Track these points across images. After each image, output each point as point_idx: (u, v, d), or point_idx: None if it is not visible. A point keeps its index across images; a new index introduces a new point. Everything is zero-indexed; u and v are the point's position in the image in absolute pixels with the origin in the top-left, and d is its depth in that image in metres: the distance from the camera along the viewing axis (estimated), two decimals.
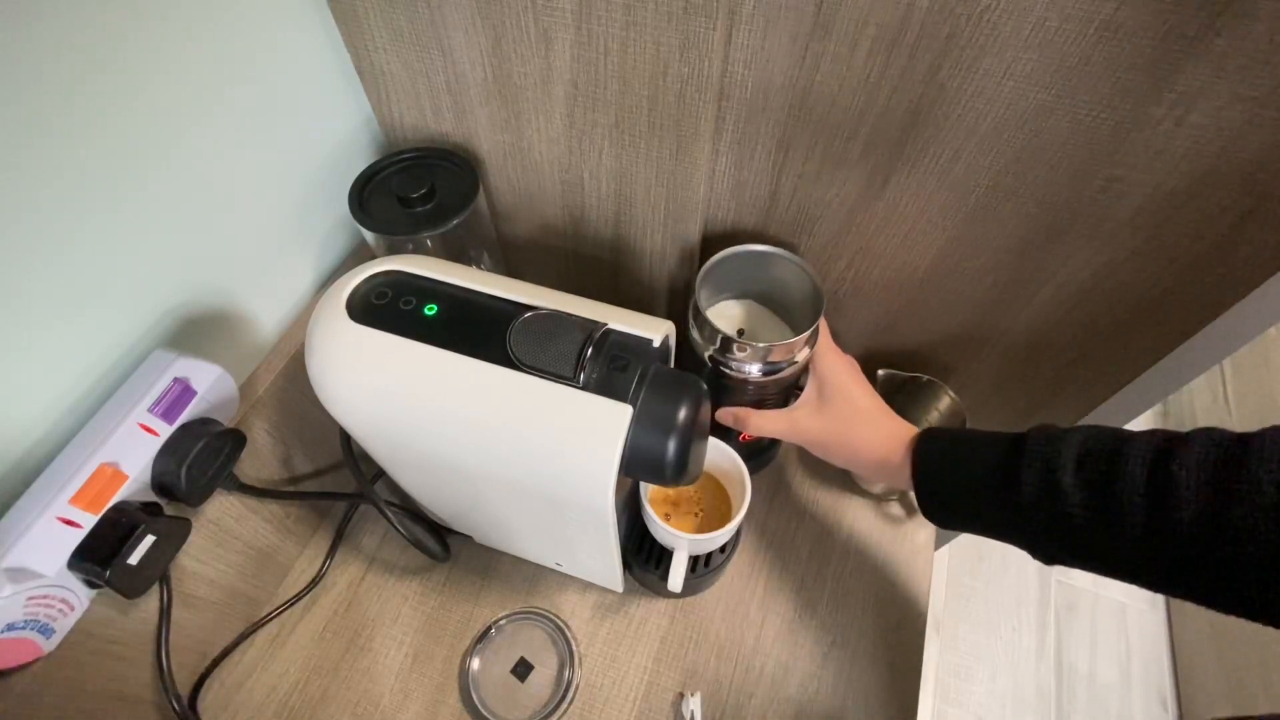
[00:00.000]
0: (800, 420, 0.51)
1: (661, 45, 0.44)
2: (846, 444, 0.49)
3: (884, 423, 0.49)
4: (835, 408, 0.50)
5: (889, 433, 0.48)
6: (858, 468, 0.50)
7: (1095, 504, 0.35)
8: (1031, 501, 0.38)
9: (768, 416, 0.52)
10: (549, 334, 0.38)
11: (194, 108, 0.45)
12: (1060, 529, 0.37)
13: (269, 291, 0.56)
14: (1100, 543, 0.36)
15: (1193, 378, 0.53)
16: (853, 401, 0.50)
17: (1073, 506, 0.36)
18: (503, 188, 0.62)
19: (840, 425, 0.49)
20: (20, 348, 0.39)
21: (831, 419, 0.50)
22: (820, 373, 0.52)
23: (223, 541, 0.53)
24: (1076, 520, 0.36)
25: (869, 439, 0.48)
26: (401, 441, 0.42)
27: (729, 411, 0.54)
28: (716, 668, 0.58)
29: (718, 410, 0.54)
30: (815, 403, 0.51)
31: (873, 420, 0.49)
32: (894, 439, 0.47)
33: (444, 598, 0.61)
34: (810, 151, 0.49)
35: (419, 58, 0.53)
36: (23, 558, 0.37)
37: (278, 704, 0.56)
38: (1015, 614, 1.42)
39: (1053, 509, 0.37)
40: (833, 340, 0.54)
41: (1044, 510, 0.38)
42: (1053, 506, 0.37)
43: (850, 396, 0.50)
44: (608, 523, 0.42)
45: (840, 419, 0.49)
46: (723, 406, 0.54)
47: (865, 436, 0.48)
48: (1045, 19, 0.37)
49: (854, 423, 0.49)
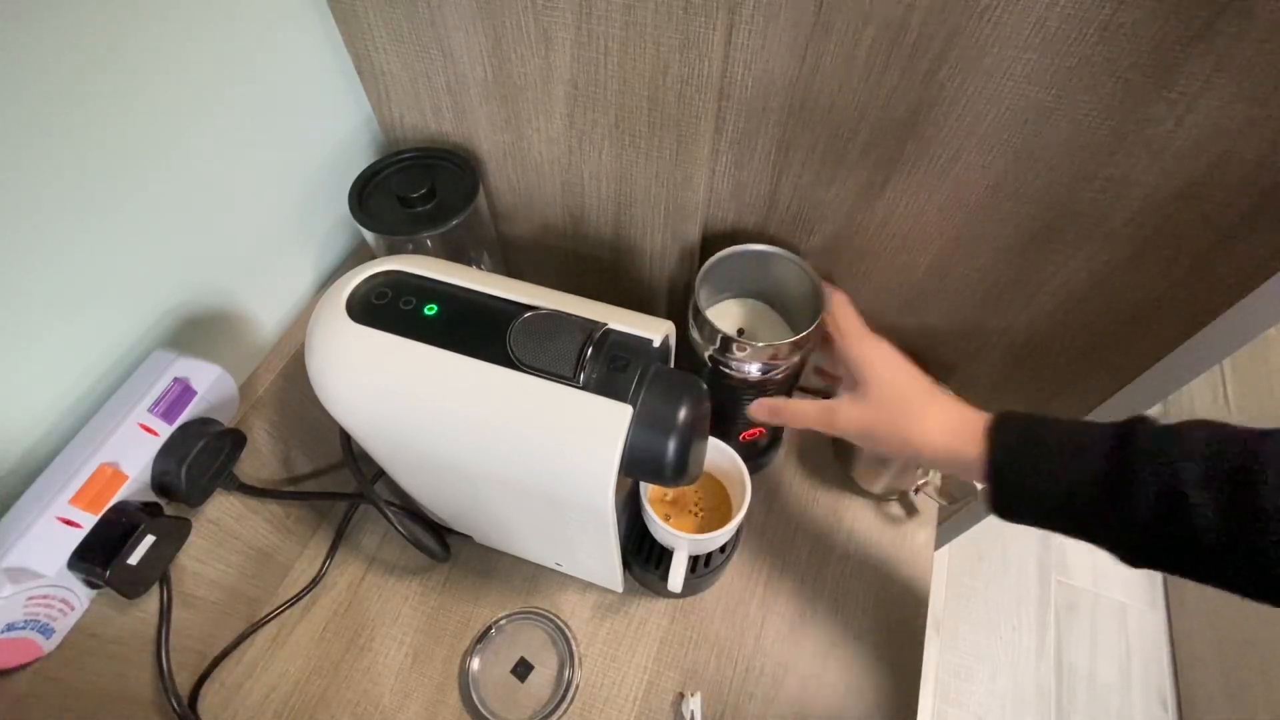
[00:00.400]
0: (841, 411, 0.47)
1: (661, 45, 0.44)
2: (897, 433, 0.44)
3: (942, 408, 0.44)
4: (879, 395, 0.45)
5: (953, 420, 0.42)
6: (914, 459, 0.45)
7: (1231, 526, 0.32)
8: (1147, 518, 0.34)
9: (804, 407, 0.49)
10: (549, 334, 0.38)
11: (194, 107, 0.45)
12: (1178, 546, 0.34)
13: (269, 291, 0.56)
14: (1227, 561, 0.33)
15: (1193, 378, 0.53)
16: (898, 387, 0.45)
17: (1203, 530, 0.32)
18: (503, 188, 0.62)
19: (888, 413, 0.45)
20: (20, 348, 0.39)
21: (877, 408, 0.45)
22: (855, 359, 0.47)
23: (223, 541, 0.53)
24: (1205, 540, 0.32)
25: (927, 427, 0.43)
26: (401, 441, 0.42)
27: (764, 403, 0.51)
28: (716, 668, 0.58)
29: (753, 403, 0.51)
30: (855, 392, 0.47)
31: (927, 406, 0.44)
32: (960, 427, 0.42)
33: (444, 598, 0.61)
34: (810, 151, 0.49)
35: (419, 58, 0.53)
36: (23, 558, 0.37)
37: (278, 704, 0.56)
38: (1015, 614, 1.42)
39: (1174, 527, 0.33)
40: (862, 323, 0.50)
41: (1161, 527, 0.34)
42: (1174, 524, 0.33)
43: (894, 382, 0.46)
44: (608, 523, 0.42)
45: (887, 407, 0.45)
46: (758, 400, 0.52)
47: (921, 425, 0.43)
48: (1045, 19, 0.37)
49: (905, 410, 0.44)
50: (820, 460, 0.69)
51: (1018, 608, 1.43)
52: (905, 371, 0.47)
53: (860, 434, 0.46)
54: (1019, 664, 1.36)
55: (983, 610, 1.42)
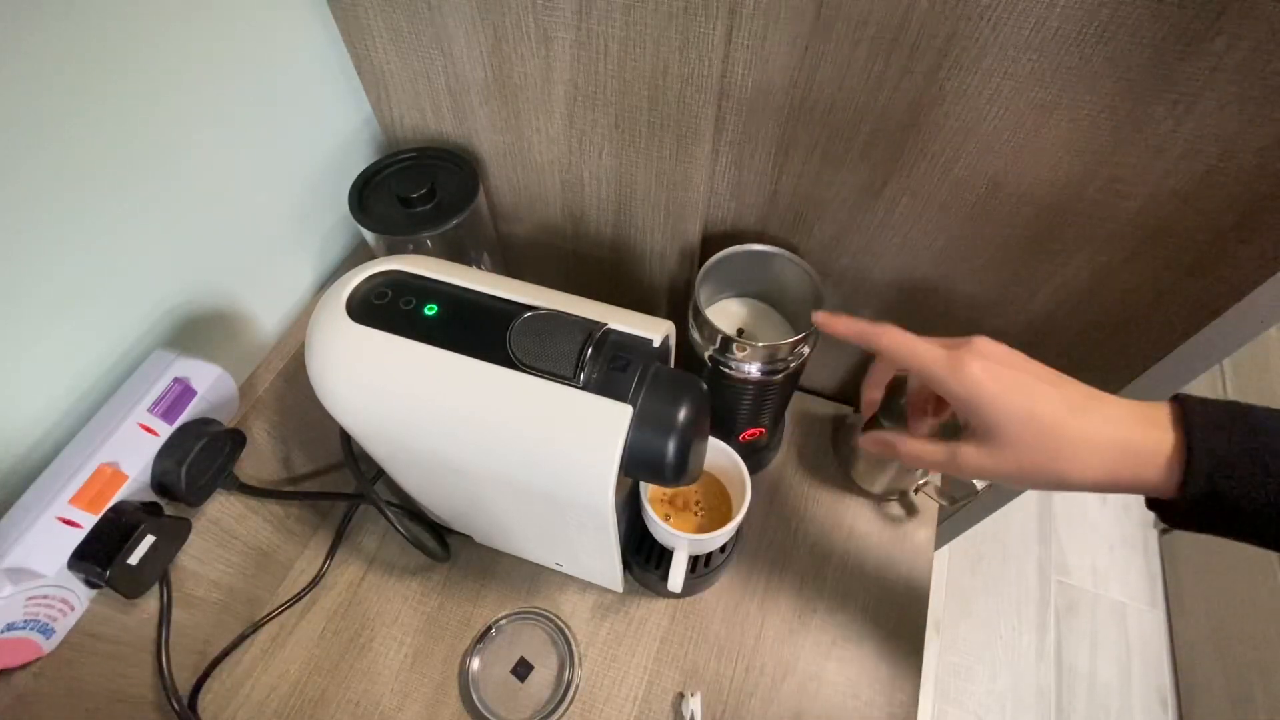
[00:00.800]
0: (969, 459, 0.38)
1: (661, 45, 0.44)
2: (1048, 477, 0.36)
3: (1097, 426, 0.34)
4: (1012, 437, 0.36)
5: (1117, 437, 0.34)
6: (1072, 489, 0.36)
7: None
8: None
9: (922, 450, 0.41)
10: (549, 334, 0.38)
11: (193, 107, 0.45)
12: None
13: (269, 291, 0.56)
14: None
15: (1193, 378, 0.53)
16: (1036, 420, 0.35)
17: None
18: (503, 188, 0.62)
19: (1031, 458, 0.36)
20: (20, 348, 0.39)
21: (1015, 454, 0.36)
22: (966, 398, 0.37)
23: (223, 541, 0.53)
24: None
25: (1086, 462, 0.34)
26: (401, 441, 0.42)
27: (876, 438, 0.43)
28: (716, 668, 0.58)
29: (864, 436, 0.45)
30: (980, 436, 0.37)
31: (1079, 432, 0.35)
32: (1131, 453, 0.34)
33: (444, 598, 0.61)
34: (810, 151, 0.49)
35: (419, 58, 0.53)
36: (23, 558, 0.37)
37: (278, 704, 0.56)
38: (1015, 614, 1.42)
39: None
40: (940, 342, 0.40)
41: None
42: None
43: (1031, 414, 0.35)
44: (608, 523, 0.42)
45: (1029, 451, 0.36)
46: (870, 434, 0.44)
47: (1078, 460, 0.35)
48: (1045, 19, 0.37)
49: (1054, 449, 0.35)
50: (820, 460, 0.69)
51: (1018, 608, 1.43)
52: (1030, 392, 0.36)
53: (1001, 480, 0.38)
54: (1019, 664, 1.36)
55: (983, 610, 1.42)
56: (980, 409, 0.36)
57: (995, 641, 1.38)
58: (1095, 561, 1.50)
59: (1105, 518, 1.56)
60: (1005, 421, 0.36)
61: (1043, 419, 0.35)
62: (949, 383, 0.37)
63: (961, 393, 0.37)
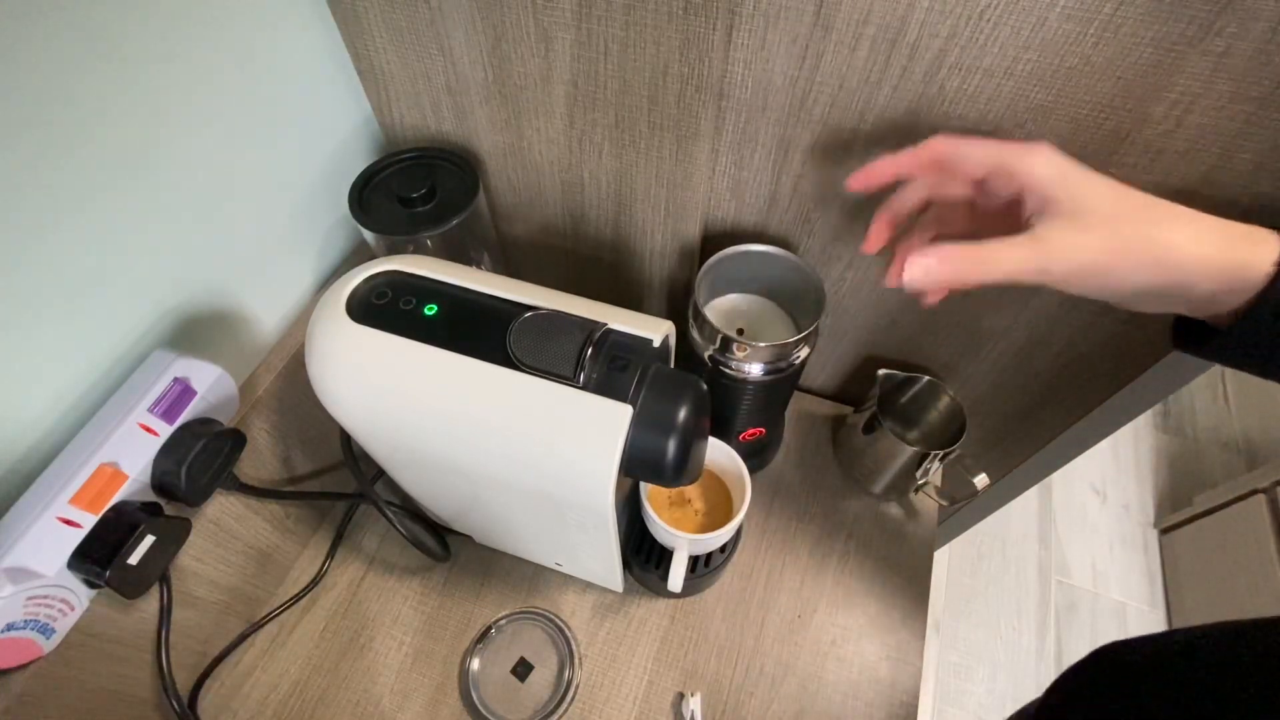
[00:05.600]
0: (1058, 242, 0.33)
1: (661, 45, 0.44)
2: (1151, 251, 0.32)
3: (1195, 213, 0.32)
4: (1105, 207, 0.32)
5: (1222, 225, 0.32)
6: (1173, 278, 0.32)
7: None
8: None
9: (1000, 253, 0.34)
10: (549, 334, 0.38)
11: (194, 107, 0.45)
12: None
13: (269, 291, 0.56)
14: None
15: (1193, 378, 0.53)
16: (1121, 192, 0.33)
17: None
18: (503, 188, 0.62)
19: (1129, 229, 0.32)
20: (20, 347, 0.39)
21: (1110, 224, 0.32)
22: (1041, 175, 0.33)
23: (223, 541, 0.53)
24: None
25: (1192, 234, 0.31)
26: (401, 441, 0.42)
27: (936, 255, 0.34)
28: (716, 668, 0.58)
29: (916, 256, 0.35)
30: (1063, 213, 0.33)
31: (1174, 211, 0.32)
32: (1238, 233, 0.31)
33: (444, 598, 0.61)
34: (810, 151, 0.49)
35: (419, 58, 0.53)
36: (23, 558, 0.37)
37: (278, 704, 0.56)
38: (1015, 614, 1.42)
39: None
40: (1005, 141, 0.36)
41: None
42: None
43: (1113, 188, 0.33)
44: (608, 523, 0.42)
45: (1124, 220, 0.32)
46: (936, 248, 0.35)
47: (1183, 233, 0.31)
48: (1045, 19, 0.37)
49: (1150, 220, 0.32)
50: (820, 460, 0.69)
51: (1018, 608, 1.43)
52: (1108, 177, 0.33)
53: (1097, 266, 0.33)
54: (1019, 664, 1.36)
55: (983, 610, 1.42)
56: (1068, 182, 0.33)
57: (995, 641, 1.39)
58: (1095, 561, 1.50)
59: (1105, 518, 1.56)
60: (1097, 193, 0.33)
61: (1134, 195, 0.33)
62: (1027, 159, 0.34)
63: (1045, 167, 0.33)
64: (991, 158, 0.36)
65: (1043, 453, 0.69)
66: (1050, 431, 0.66)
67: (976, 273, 0.34)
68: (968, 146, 0.37)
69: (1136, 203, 0.33)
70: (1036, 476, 0.73)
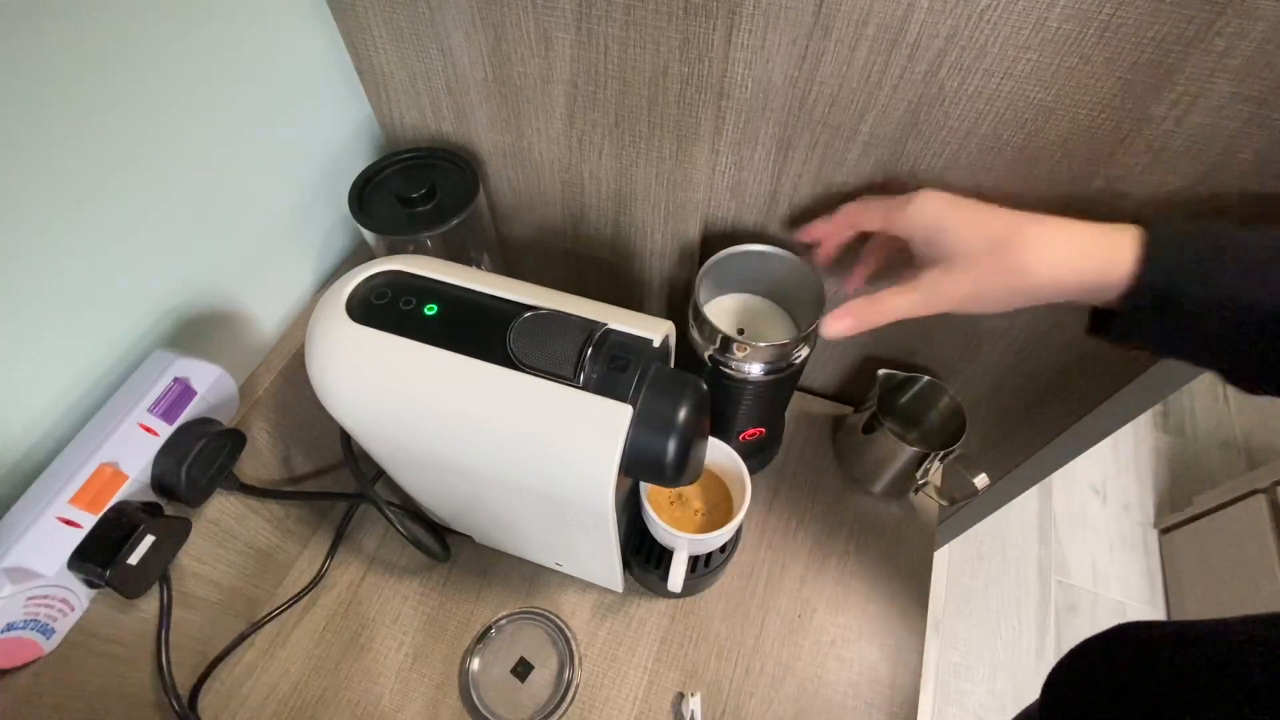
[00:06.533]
0: (932, 286, 0.39)
1: (661, 45, 0.44)
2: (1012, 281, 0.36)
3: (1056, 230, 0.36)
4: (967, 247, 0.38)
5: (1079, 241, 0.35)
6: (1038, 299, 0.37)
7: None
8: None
9: (894, 301, 0.41)
10: (549, 334, 0.38)
11: (194, 107, 0.45)
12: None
13: (269, 291, 0.56)
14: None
15: (1193, 378, 0.53)
16: (986, 227, 0.37)
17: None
18: (503, 188, 0.62)
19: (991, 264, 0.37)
20: (20, 348, 0.39)
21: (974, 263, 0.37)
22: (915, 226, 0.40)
23: (223, 541, 0.53)
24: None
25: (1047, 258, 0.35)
26: (401, 441, 0.42)
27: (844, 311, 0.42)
28: (716, 668, 0.58)
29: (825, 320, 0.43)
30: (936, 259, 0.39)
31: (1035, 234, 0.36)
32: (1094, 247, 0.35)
33: (444, 598, 0.61)
34: (810, 151, 0.49)
35: (419, 58, 0.53)
36: (23, 558, 0.37)
37: (278, 704, 0.56)
38: (1015, 614, 1.42)
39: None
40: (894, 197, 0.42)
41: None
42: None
43: (978, 224, 0.38)
44: (608, 523, 0.42)
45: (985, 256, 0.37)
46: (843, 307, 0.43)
47: (1038, 258, 0.36)
48: (1045, 19, 0.37)
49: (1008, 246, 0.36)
50: (820, 460, 0.69)
51: (1018, 608, 1.43)
52: (981, 208, 0.39)
53: (969, 299, 0.38)
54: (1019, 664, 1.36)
55: (983, 610, 1.42)
56: (936, 230, 0.39)
57: (995, 641, 1.39)
58: (1095, 561, 1.50)
59: (1105, 518, 1.56)
60: (961, 236, 0.38)
61: (998, 225, 0.37)
62: (906, 214, 0.41)
63: (917, 219, 0.40)
64: (880, 219, 0.43)
65: (1043, 453, 0.69)
66: (1050, 431, 0.66)
67: (877, 321, 0.42)
68: (865, 211, 0.45)
69: (997, 237, 0.37)
70: (1036, 476, 0.73)
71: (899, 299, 0.40)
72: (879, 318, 0.41)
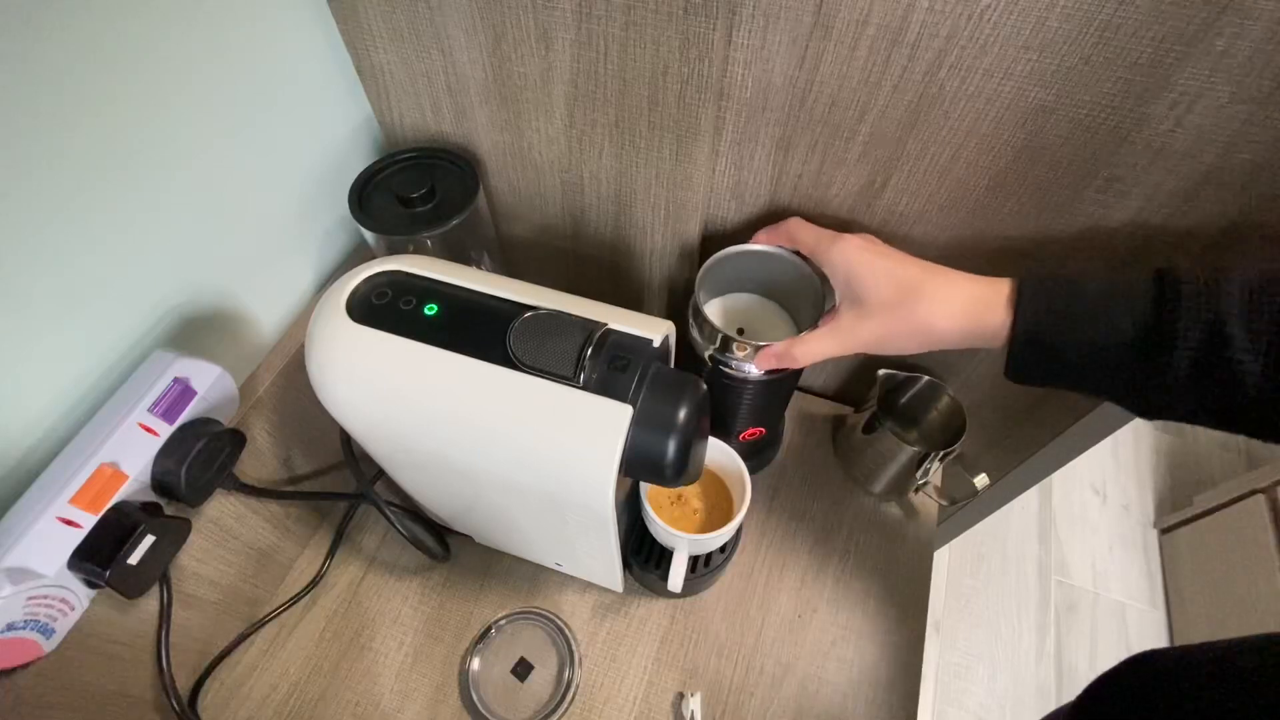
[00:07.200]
0: (848, 329, 0.44)
1: (661, 45, 0.44)
2: (915, 326, 0.41)
3: (949, 282, 0.41)
4: (879, 295, 0.43)
5: (967, 292, 0.40)
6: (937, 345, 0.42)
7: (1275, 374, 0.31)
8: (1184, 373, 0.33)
9: (810, 342, 0.46)
10: (549, 334, 0.38)
11: (193, 107, 0.45)
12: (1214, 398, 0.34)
13: (269, 291, 0.56)
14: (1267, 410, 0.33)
15: None
16: (895, 277, 0.42)
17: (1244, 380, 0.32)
18: (503, 188, 0.62)
19: (897, 310, 0.42)
20: (20, 348, 0.39)
21: (883, 309, 0.43)
22: (839, 269, 0.45)
23: (223, 541, 0.53)
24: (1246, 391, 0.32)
25: (942, 310, 0.40)
26: (401, 442, 0.42)
27: (770, 352, 0.49)
28: (716, 668, 0.58)
29: (757, 356, 0.49)
30: (852, 301, 0.44)
31: (935, 286, 0.41)
32: (978, 298, 0.40)
33: (444, 598, 0.61)
34: (810, 151, 0.49)
35: (419, 58, 0.53)
36: (23, 558, 0.37)
37: (278, 704, 0.56)
38: (1015, 614, 1.42)
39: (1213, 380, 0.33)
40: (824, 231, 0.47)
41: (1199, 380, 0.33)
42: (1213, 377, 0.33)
43: (890, 273, 0.43)
44: (608, 523, 0.42)
45: (893, 303, 0.42)
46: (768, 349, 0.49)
47: (936, 307, 0.41)
48: (1045, 19, 0.37)
49: (914, 298, 0.41)
50: (820, 460, 0.69)
51: (1018, 608, 1.43)
52: (895, 258, 0.43)
53: (878, 342, 0.44)
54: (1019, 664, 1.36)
55: (983, 610, 1.42)
56: (854, 276, 0.44)
57: (995, 641, 1.39)
58: (1095, 561, 1.50)
59: (1105, 518, 1.56)
60: (875, 284, 0.43)
61: (900, 277, 0.42)
62: (831, 253, 0.45)
63: (840, 262, 0.44)
64: (810, 245, 0.47)
65: (1043, 453, 0.69)
66: (1050, 431, 0.66)
67: (800, 362, 0.47)
68: (802, 232, 0.48)
69: (905, 288, 0.42)
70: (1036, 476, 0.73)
71: (820, 343, 0.46)
72: (803, 358, 0.47)
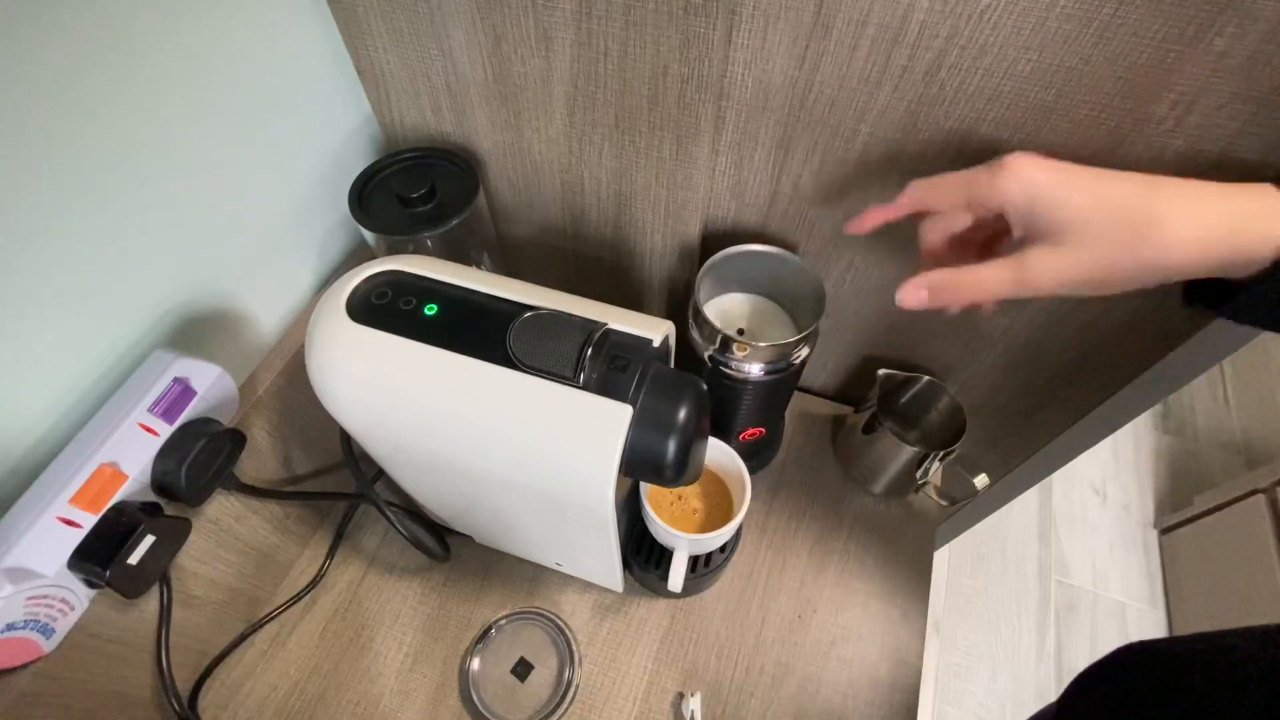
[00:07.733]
0: (1043, 267, 0.33)
1: (661, 45, 0.44)
2: (1144, 263, 0.31)
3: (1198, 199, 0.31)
4: (1087, 224, 0.32)
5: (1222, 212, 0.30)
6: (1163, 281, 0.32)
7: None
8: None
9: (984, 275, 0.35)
10: (549, 334, 0.38)
11: (194, 108, 0.45)
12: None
13: (269, 291, 0.56)
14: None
15: (1193, 378, 0.53)
16: (1108, 200, 0.32)
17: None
18: (503, 188, 0.62)
19: (1117, 244, 0.31)
20: (20, 348, 0.39)
21: (1096, 243, 0.32)
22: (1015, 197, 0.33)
23: (223, 541, 0.53)
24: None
25: (1192, 236, 0.30)
26: (401, 441, 0.42)
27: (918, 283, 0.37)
28: (716, 668, 0.58)
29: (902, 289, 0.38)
30: (1042, 236, 0.33)
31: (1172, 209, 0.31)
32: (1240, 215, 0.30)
33: (444, 598, 0.61)
34: (810, 151, 0.49)
35: (419, 58, 0.53)
36: (23, 558, 0.37)
37: (278, 704, 0.56)
38: (1015, 614, 1.42)
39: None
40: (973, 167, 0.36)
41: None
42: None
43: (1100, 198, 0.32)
44: (608, 523, 0.42)
45: (1109, 236, 0.31)
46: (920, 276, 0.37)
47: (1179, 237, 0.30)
48: (1045, 19, 0.37)
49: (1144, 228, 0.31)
50: (820, 460, 0.69)
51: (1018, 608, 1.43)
52: (1092, 173, 0.33)
53: (1086, 282, 0.33)
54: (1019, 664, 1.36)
55: (983, 610, 1.42)
56: (1040, 204, 0.32)
57: (995, 641, 1.39)
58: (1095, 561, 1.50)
59: (1105, 518, 1.56)
60: (1074, 211, 0.32)
61: (1124, 198, 0.31)
62: (999, 184, 0.33)
63: (1017, 190, 0.33)
64: (963, 192, 0.36)
65: (1043, 453, 0.69)
66: (1050, 431, 0.66)
67: (964, 297, 0.36)
68: (940, 186, 0.37)
69: (1123, 212, 0.31)
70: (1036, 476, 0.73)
71: (996, 275, 0.34)
72: (967, 293, 0.35)
